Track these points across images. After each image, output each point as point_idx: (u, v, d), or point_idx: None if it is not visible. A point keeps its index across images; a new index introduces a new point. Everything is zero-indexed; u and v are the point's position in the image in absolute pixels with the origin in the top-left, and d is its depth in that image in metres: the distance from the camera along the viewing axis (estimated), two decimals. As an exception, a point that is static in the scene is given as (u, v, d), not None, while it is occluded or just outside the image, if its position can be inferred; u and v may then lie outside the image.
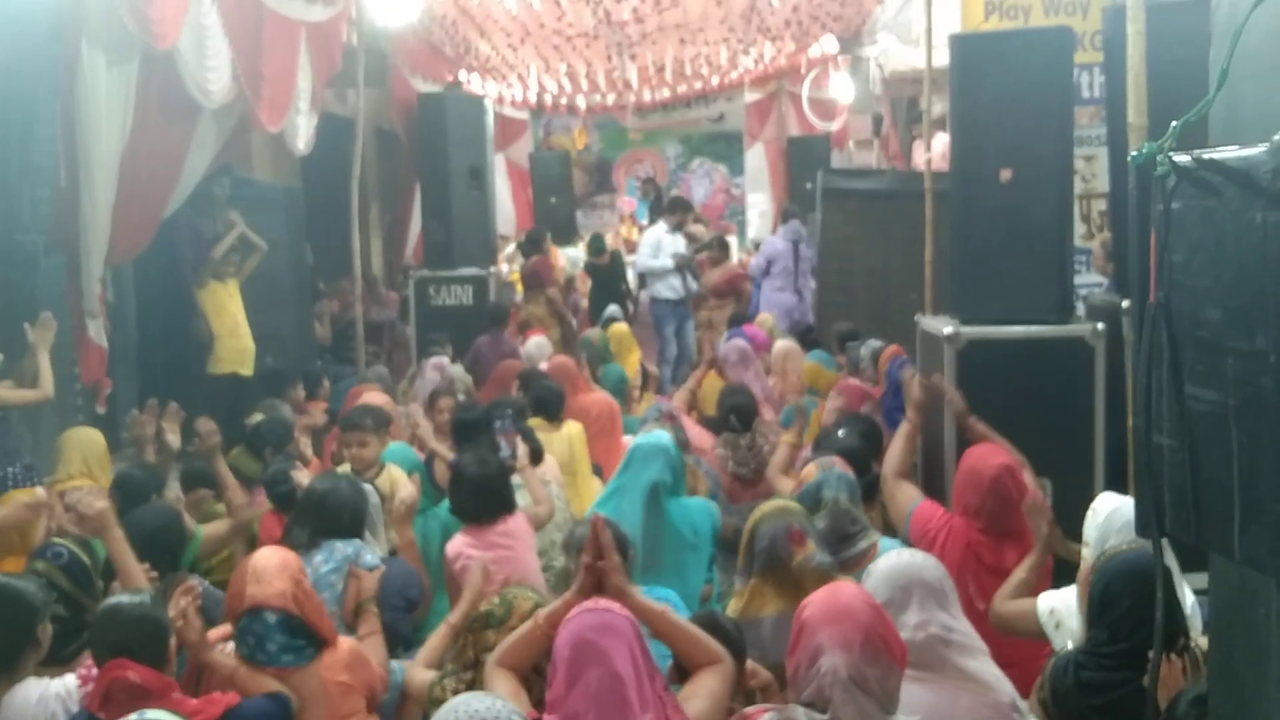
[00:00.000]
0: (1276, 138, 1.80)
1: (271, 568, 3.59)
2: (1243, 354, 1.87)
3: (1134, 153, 2.07)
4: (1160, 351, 1.96)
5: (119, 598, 3.40)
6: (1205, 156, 1.95)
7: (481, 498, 4.81)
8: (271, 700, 3.39)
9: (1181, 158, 2.00)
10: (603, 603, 3.05)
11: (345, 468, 5.54)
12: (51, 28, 6.00)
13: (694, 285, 11.90)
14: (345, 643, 3.72)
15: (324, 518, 4.40)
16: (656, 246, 11.92)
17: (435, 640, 3.82)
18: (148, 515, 4.52)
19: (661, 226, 12.24)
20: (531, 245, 12.32)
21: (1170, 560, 2.81)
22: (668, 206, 12.99)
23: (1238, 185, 1.84)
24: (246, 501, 5.40)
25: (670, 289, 11.87)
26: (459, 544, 4.73)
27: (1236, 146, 1.91)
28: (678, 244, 11.95)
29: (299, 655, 3.54)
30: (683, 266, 11.82)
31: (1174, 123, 2.09)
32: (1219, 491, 1.94)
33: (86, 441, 5.77)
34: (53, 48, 6.06)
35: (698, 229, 13.45)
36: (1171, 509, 2.04)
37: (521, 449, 5.60)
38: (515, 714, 2.51)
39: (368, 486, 4.75)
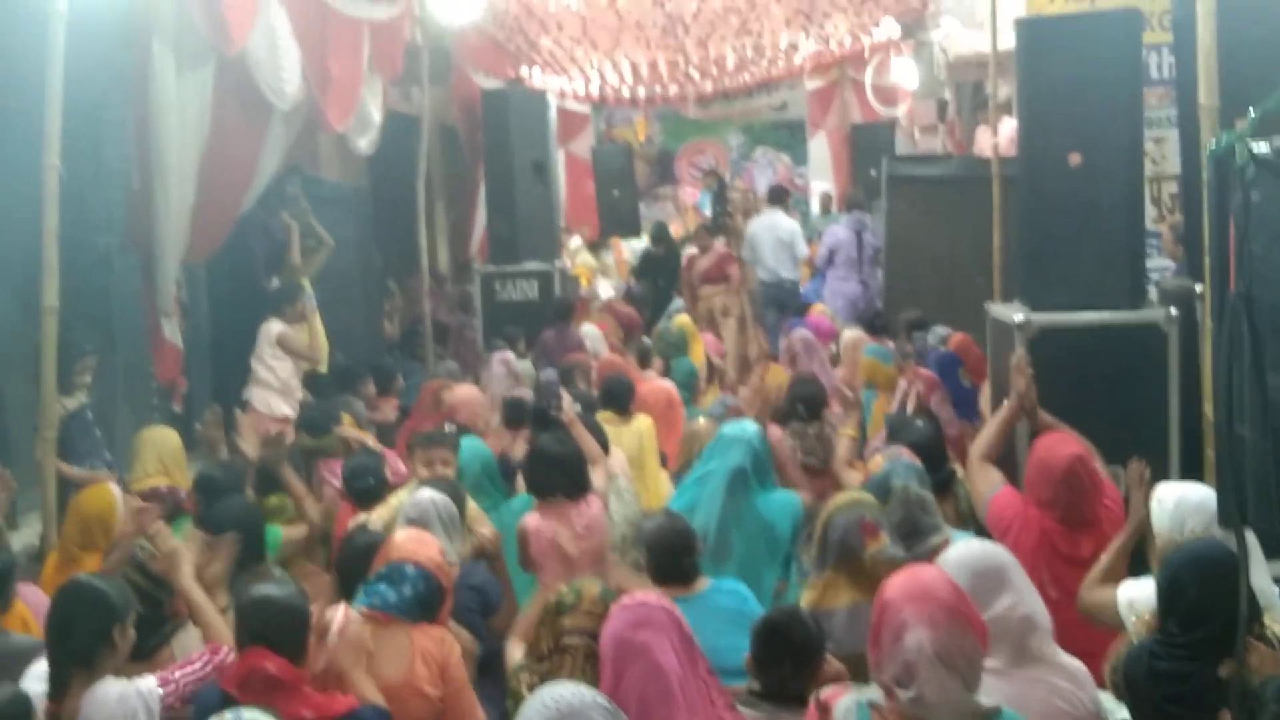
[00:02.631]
0: None
1: (428, 539, 3.87)
2: (1326, 343, 1.81)
3: (1212, 142, 2.04)
4: (1241, 342, 1.92)
5: (268, 588, 3.47)
6: (1284, 147, 1.91)
7: (562, 474, 4.91)
8: (378, 713, 3.44)
9: (1261, 148, 1.96)
10: (639, 596, 3.08)
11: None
12: (122, 31, 6.11)
13: None
14: (443, 629, 3.83)
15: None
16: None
17: (532, 611, 3.85)
18: (228, 509, 4.60)
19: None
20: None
21: (1254, 545, 2.75)
22: (773, 196, 13.03)
23: (1318, 176, 1.80)
24: (318, 503, 5.48)
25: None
26: (536, 521, 4.81)
27: (1315, 135, 1.86)
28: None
29: (408, 614, 3.67)
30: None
31: (1251, 112, 2.05)
32: (1302, 481, 1.90)
33: (162, 440, 5.90)
34: (124, 52, 6.17)
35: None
36: (1254, 499, 2.01)
37: (567, 400, 5.67)
38: (599, 697, 2.55)
39: (442, 499, 4.73)
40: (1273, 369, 1.91)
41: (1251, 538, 2.72)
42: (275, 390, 7.33)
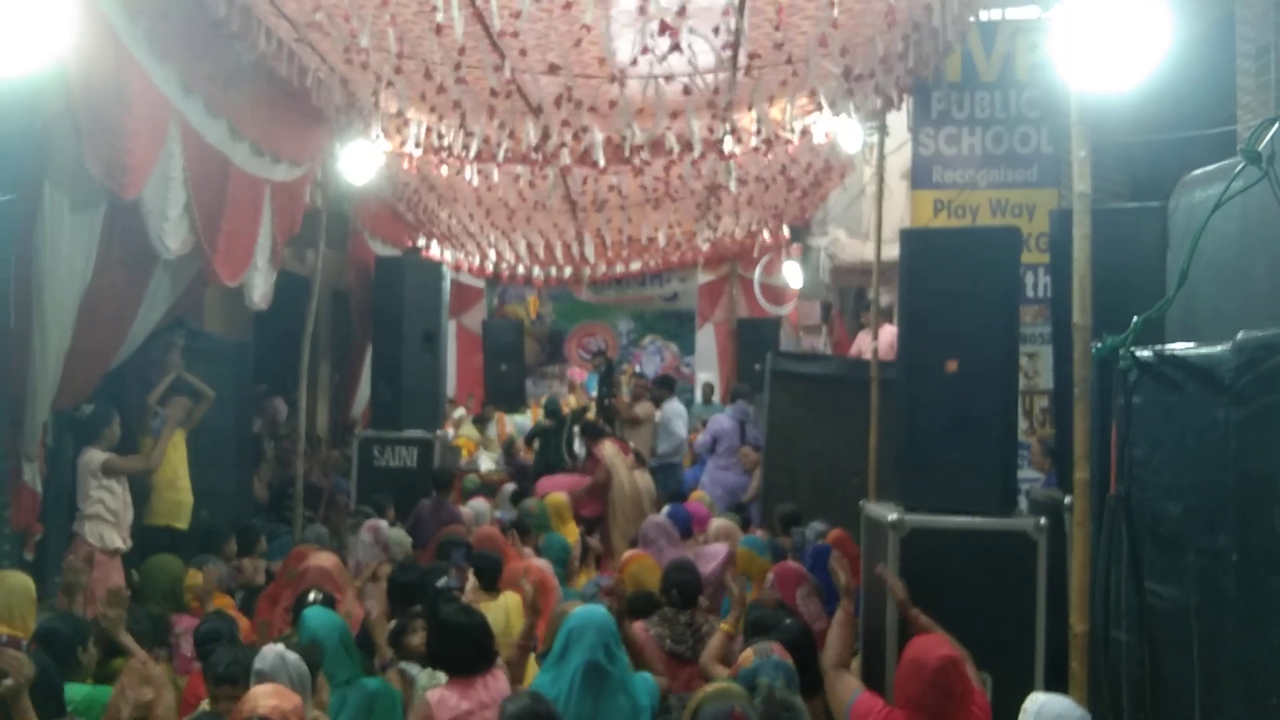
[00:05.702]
0: (1240, 336, 1.80)
1: (287, 693, 3.95)
2: (1204, 552, 1.83)
3: (1096, 345, 2.10)
4: (1120, 546, 1.93)
5: None
6: (1167, 352, 1.95)
7: (471, 646, 4.78)
8: None
9: (1144, 353, 2.00)
10: None
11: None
12: (12, 170, 6.00)
13: None
14: None
15: None
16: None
17: None
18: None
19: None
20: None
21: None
22: (663, 384, 13.53)
23: (1200, 382, 1.84)
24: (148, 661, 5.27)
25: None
26: (439, 695, 4.65)
27: (1194, 344, 1.91)
28: None
29: None
30: None
31: (1135, 318, 2.11)
32: (1178, 689, 1.89)
33: (11, 587, 5.65)
34: (12, 189, 6.06)
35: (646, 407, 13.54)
36: (1129, 706, 2.00)
37: (471, 581, 5.54)
38: None
39: (294, 657, 4.57)
40: (1150, 574, 1.93)
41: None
42: (108, 523, 7.06)
